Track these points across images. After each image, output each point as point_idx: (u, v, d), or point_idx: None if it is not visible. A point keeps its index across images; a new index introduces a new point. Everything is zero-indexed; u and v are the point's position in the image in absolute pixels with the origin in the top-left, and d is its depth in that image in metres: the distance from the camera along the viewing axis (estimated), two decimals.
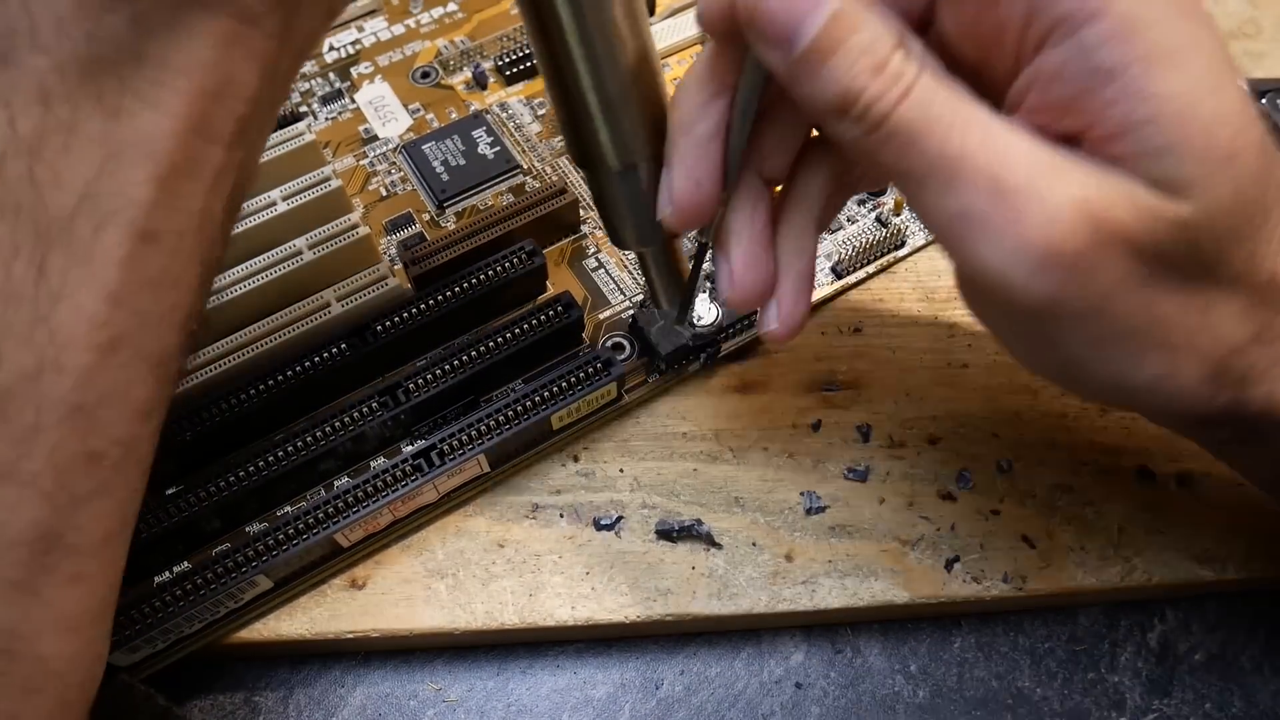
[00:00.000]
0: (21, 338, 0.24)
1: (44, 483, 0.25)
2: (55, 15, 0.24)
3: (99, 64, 0.24)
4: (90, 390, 0.25)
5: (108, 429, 0.26)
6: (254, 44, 0.26)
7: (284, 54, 0.27)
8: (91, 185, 0.24)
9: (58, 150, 0.24)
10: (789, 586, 0.38)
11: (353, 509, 0.37)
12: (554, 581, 0.39)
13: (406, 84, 0.54)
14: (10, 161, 0.24)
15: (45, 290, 0.24)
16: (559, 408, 0.39)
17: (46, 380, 0.24)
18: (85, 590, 0.27)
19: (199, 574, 0.35)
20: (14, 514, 0.25)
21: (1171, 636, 0.39)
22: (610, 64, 0.33)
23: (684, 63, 0.55)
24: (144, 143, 0.25)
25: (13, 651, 0.25)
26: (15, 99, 0.24)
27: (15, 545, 0.25)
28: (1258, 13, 0.56)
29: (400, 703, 0.38)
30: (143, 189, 0.25)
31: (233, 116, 0.26)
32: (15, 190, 0.24)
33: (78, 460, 0.26)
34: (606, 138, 0.34)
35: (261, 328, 0.41)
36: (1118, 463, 0.41)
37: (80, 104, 0.24)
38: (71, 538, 0.26)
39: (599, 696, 0.38)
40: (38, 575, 0.26)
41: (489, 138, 0.50)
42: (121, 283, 0.25)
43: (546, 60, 0.34)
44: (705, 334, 0.43)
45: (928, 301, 0.46)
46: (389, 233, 0.48)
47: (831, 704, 0.38)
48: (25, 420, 0.24)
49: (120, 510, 0.28)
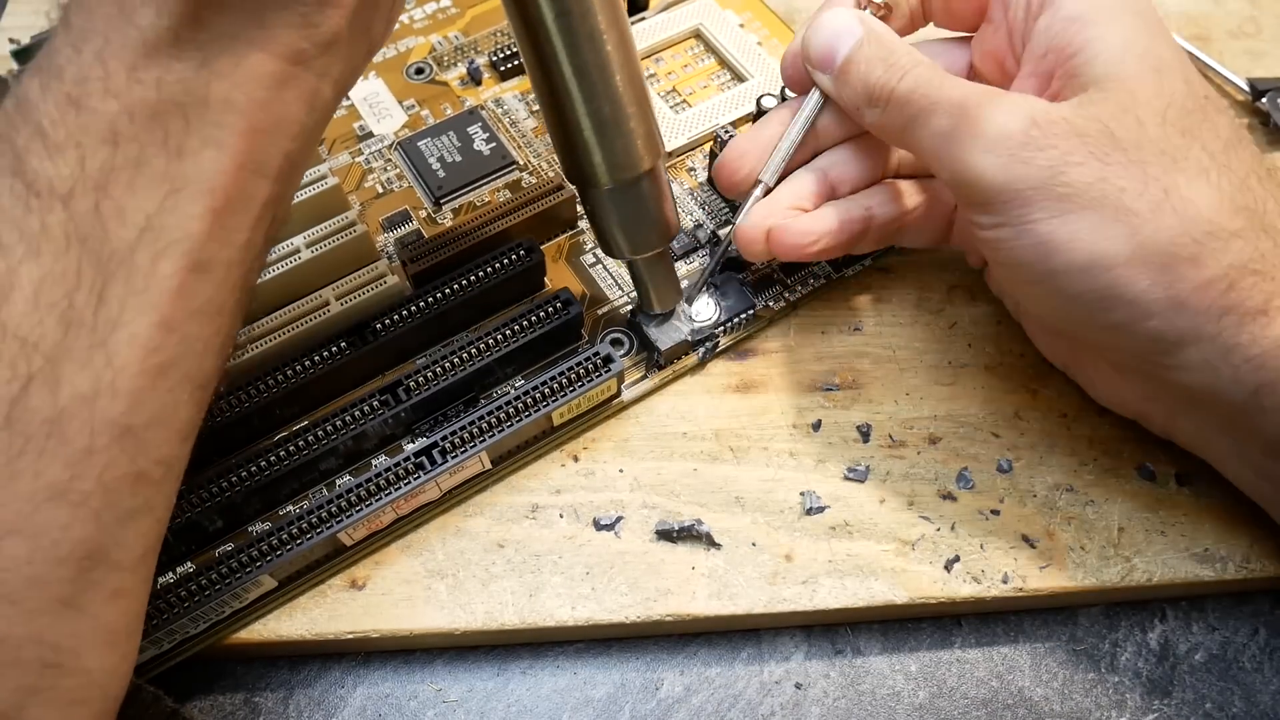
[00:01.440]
0: (80, 362, 0.25)
1: (94, 502, 0.26)
2: (127, 64, 0.25)
3: (167, 107, 0.26)
4: (140, 413, 0.26)
5: (154, 450, 0.27)
6: (304, 84, 0.28)
7: (329, 91, 0.29)
8: (152, 219, 0.26)
9: (123, 187, 0.26)
10: (789, 587, 0.38)
11: (356, 507, 0.37)
12: (554, 582, 0.39)
13: (401, 80, 0.54)
14: (79, 198, 0.25)
15: (104, 317, 0.26)
16: (560, 404, 0.39)
17: (101, 403, 0.26)
18: (126, 605, 0.28)
19: (203, 574, 0.35)
20: (65, 533, 0.26)
21: (1171, 636, 0.39)
22: (603, 91, 0.34)
23: (678, 56, 0.55)
24: (203, 179, 0.26)
25: (61, 666, 0.26)
26: (86, 140, 0.25)
27: (64, 562, 0.26)
28: (1257, 12, 0.56)
29: (400, 703, 0.38)
30: (199, 223, 0.26)
31: (282, 153, 0.28)
32: (82, 223, 0.25)
33: (126, 480, 0.26)
34: (601, 159, 0.36)
35: (261, 327, 0.41)
36: (1118, 462, 0.41)
37: (147, 144, 0.26)
38: (115, 554, 0.27)
39: (599, 697, 0.38)
40: (84, 591, 0.26)
41: (484, 133, 0.50)
42: (174, 310, 0.26)
43: (542, 87, 0.35)
44: (703, 329, 0.43)
45: (928, 301, 0.46)
46: (386, 230, 0.47)
47: (831, 704, 0.38)
48: (80, 442, 0.25)
49: (158, 527, 0.29)
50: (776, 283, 0.46)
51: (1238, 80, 0.52)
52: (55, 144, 0.25)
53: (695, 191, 0.49)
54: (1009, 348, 0.44)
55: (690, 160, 0.51)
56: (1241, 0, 0.56)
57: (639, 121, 0.36)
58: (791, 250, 0.40)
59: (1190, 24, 0.56)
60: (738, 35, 0.54)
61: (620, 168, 0.36)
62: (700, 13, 0.55)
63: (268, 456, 0.38)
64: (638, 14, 0.55)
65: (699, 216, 0.48)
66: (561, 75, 0.34)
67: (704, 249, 0.47)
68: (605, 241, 0.40)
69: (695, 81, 0.54)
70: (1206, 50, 0.54)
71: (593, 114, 0.35)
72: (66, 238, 0.25)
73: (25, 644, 0.25)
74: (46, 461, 0.25)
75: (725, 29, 0.54)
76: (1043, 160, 0.33)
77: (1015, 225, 0.34)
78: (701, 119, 0.51)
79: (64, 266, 0.25)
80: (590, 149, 0.36)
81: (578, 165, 0.37)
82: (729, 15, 0.55)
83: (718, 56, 0.54)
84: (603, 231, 0.39)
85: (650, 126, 0.36)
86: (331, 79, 0.29)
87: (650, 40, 0.54)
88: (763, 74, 0.52)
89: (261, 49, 0.26)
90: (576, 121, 0.35)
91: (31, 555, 0.25)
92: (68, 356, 0.25)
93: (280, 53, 0.27)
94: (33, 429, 0.25)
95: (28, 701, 0.26)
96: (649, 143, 0.36)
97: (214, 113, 0.26)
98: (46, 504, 0.25)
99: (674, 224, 0.39)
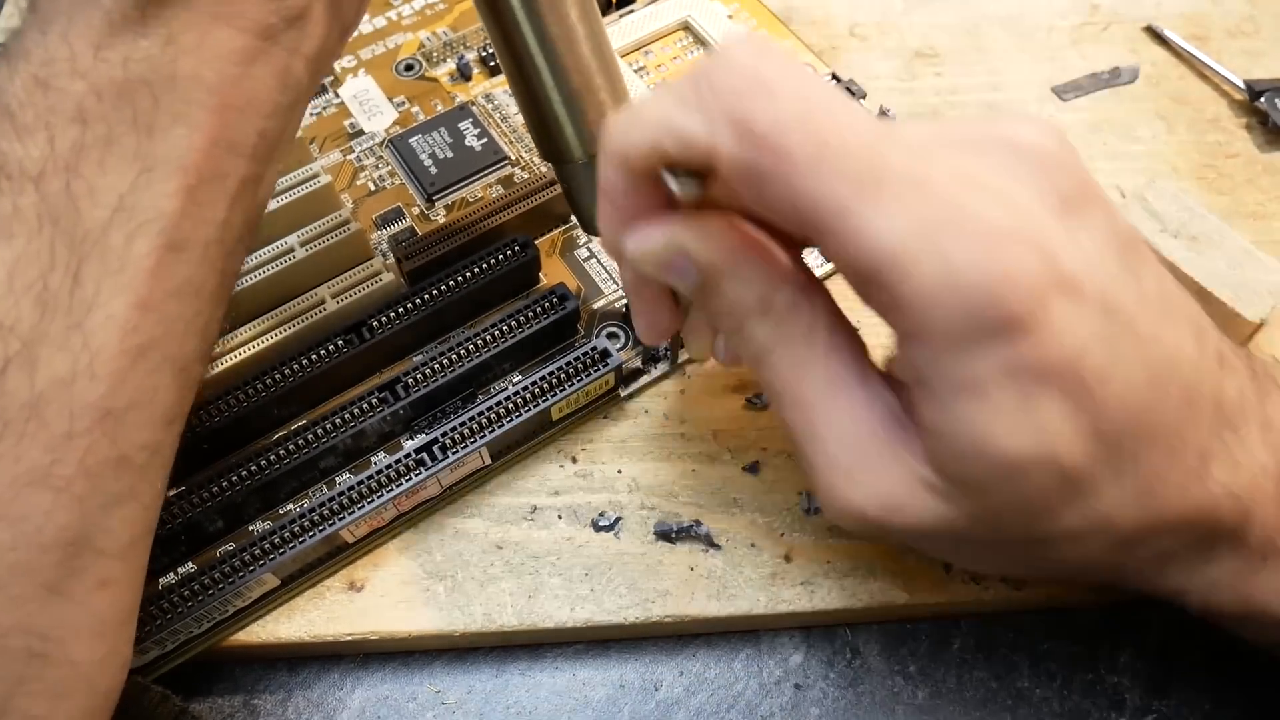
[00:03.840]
0: (57, 344, 0.25)
1: (76, 487, 0.26)
2: (93, 44, 0.25)
3: (134, 85, 0.26)
4: (120, 395, 0.26)
5: (136, 433, 0.27)
6: (274, 60, 0.28)
7: (302, 69, 0.29)
8: (125, 198, 0.26)
9: (94, 166, 0.26)
10: (788, 587, 0.38)
11: (357, 505, 0.37)
12: (552, 583, 0.38)
13: (390, 77, 0.53)
14: (49, 178, 0.25)
15: (80, 298, 0.25)
16: (558, 399, 0.39)
17: (80, 385, 0.25)
18: (113, 594, 0.28)
19: (205, 574, 0.35)
20: (48, 519, 0.25)
21: (1171, 636, 0.39)
22: (570, 61, 0.34)
23: (666, 48, 0.55)
24: (175, 157, 0.26)
25: (46, 656, 0.26)
26: (55, 120, 0.25)
27: (48, 549, 0.25)
28: (1256, 11, 0.56)
29: (399, 705, 0.38)
30: (172, 200, 0.26)
31: (255, 130, 0.28)
32: (53, 204, 0.25)
33: (108, 465, 0.26)
34: (572, 132, 0.36)
35: (257, 326, 0.41)
36: None
37: (116, 123, 0.26)
38: (101, 542, 0.27)
39: (598, 698, 0.38)
40: (69, 579, 0.26)
41: (476, 129, 0.50)
42: (151, 290, 0.26)
43: (509, 63, 0.35)
44: None
45: None
46: (379, 228, 0.47)
47: (831, 705, 0.38)
48: (60, 426, 0.25)
49: (145, 515, 0.29)
50: None
51: (1236, 80, 0.52)
52: (24, 125, 0.25)
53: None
54: None
55: None
56: (1239, 0, 0.56)
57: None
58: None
59: (1188, 24, 0.56)
60: (726, 27, 0.54)
61: (593, 140, 0.36)
62: (689, 5, 0.55)
63: (267, 456, 0.38)
64: (626, 6, 0.55)
65: None
66: (527, 49, 0.34)
67: None
68: (584, 219, 0.40)
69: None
70: (1204, 50, 0.53)
71: (561, 86, 0.35)
72: (39, 219, 0.25)
73: (11, 632, 0.25)
74: (26, 446, 0.25)
75: (714, 21, 0.54)
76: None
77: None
78: None
79: (37, 248, 0.25)
80: (562, 123, 0.36)
81: (551, 141, 0.37)
82: (718, 7, 0.55)
83: (707, 49, 0.54)
84: (581, 209, 0.39)
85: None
86: (303, 56, 0.29)
87: (639, 33, 0.54)
88: None
89: (228, 24, 0.26)
90: (546, 96, 0.35)
91: (15, 541, 0.25)
92: (44, 339, 0.25)
93: (247, 27, 0.27)
94: (11, 413, 0.25)
95: (14, 692, 0.25)
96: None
97: (182, 89, 0.26)
98: (27, 489, 0.25)
99: None
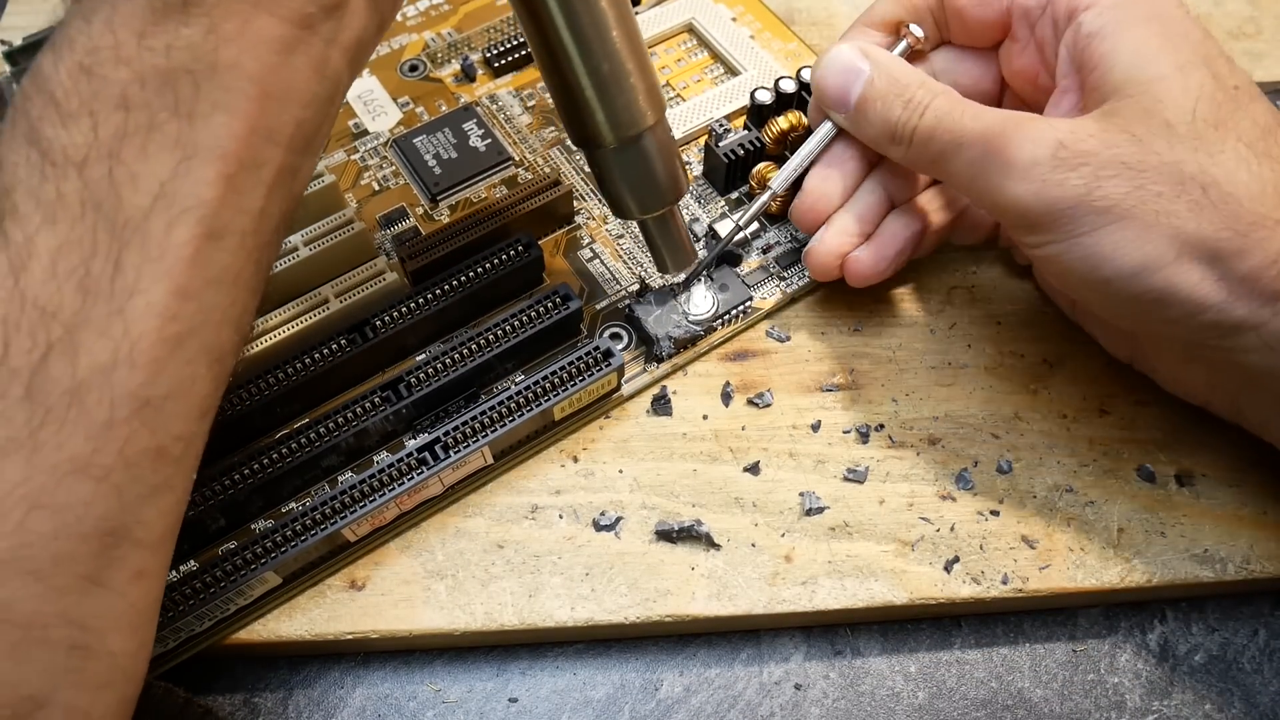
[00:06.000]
0: (99, 330, 0.25)
1: (116, 477, 0.26)
2: (136, 31, 0.26)
3: (176, 73, 0.26)
4: (159, 385, 0.26)
5: (173, 424, 0.27)
6: (312, 49, 0.28)
7: (340, 59, 0.29)
8: (166, 185, 0.26)
9: (136, 153, 0.26)
10: (788, 587, 0.38)
11: (359, 504, 0.37)
12: (553, 582, 0.38)
13: (395, 77, 0.54)
14: (93, 165, 0.25)
15: (121, 285, 0.25)
16: (561, 399, 0.39)
17: (120, 373, 0.25)
18: (147, 586, 0.28)
19: (207, 572, 0.35)
20: (88, 509, 0.25)
21: (1171, 637, 0.39)
22: (601, 48, 0.35)
23: (670, 51, 0.55)
24: (215, 144, 0.26)
25: (89, 648, 0.26)
26: (99, 107, 0.25)
27: (88, 539, 0.25)
28: (1258, 13, 0.56)
29: (400, 704, 0.38)
30: (211, 188, 0.26)
31: (294, 120, 0.28)
32: (96, 190, 0.25)
33: (146, 455, 0.26)
34: (603, 117, 0.36)
35: (261, 325, 0.41)
36: (1117, 463, 0.41)
37: (158, 110, 0.26)
38: (138, 532, 0.27)
39: (599, 697, 0.38)
40: (107, 569, 0.26)
41: (480, 130, 0.50)
42: (190, 278, 0.26)
43: (541, 50, 0.35)
44: (701, 323, 0.43)
45: (928, 302, 0.46)
46: (383, 227, 0.47)
47: (831, 705, 0.38)
48: (100, 414, 0.25)
49: (178, 507, 0.29)
50: (773, 276, 0.46)
51: None
52: (69, 112, 0.25)
53: (690, 186, 0.49)
54: (1009, 348, 0.44)
55: (685, 155, 0.50)
56: (1241, 1, 0.56)
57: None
58: (865, 279, 0.43)
59: None
60: (730, 29, 0.54)
61: (623, 125, 0.36)
62: (693, 7, 0.55)
63: (269, 454, 0.38)
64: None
65: (694, 211, 0.48)
66: (558, 35, 0.34)
67: (700, 242, 0.47)
68: (614, 203, 0.40)
69: (688, 76, 0.54)
70: None
71: (592, 72, 0.35)
72: (82, 205, 0.25)
73: (54, 623, 0.25)
74: (68, 434, 0.25)
75: (718, 23, 0.54)
76: (1076, 179, 0.34)
77: (1060, 242, 0.35)
78: (695, 113, 0.51)
79: (80, 234, 0.25)
80: (592, 108, 0.36)
81: (581, 126, 0.37)
82: (721, 9, 0.55)
83: (710, 51, 0.54)
84: (611, 193, 0.39)
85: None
86: (340, 46, 0.29)
87: (643, 35, 0.54)
88: (756, 68, 0.52)
89: (268, 12, 0.27)
90: (577, 81, 0.35)
91: (57, 530, 0.25)
92: (86, 325, 0.25)
93: (287, 16, 0.27)
94: (53, 400, 0.25)
95: (59, 684, 0.25)
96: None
97: (223, 77, 0.26)
98: (69, 477, 0.25)
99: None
